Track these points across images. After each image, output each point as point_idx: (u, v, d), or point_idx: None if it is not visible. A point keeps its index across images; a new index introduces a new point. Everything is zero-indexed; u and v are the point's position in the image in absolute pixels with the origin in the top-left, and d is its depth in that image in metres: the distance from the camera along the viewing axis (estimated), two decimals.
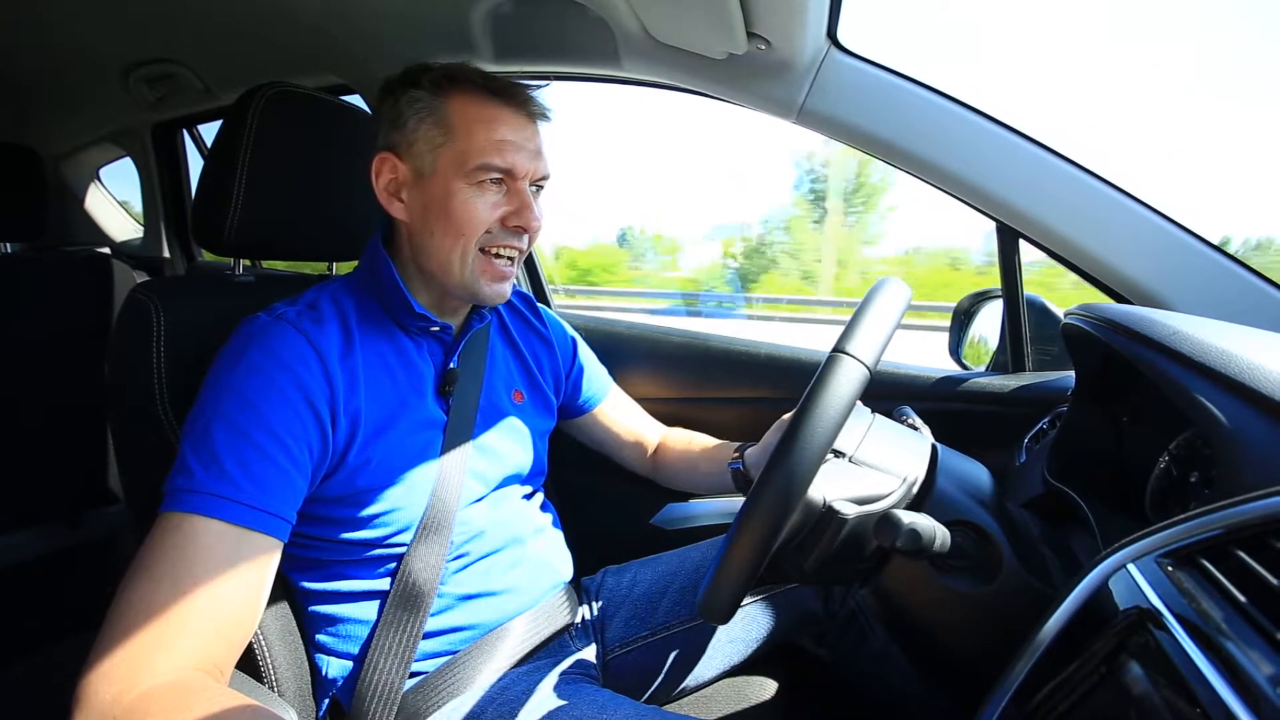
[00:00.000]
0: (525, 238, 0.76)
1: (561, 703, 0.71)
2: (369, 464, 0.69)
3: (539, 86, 0.76)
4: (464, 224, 0.72)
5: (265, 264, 1.25)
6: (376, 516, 0.71)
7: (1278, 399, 0.46)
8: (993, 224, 0.98)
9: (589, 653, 0.86)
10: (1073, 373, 0.79)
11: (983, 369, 1.12)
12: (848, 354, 0.53)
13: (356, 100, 1.34)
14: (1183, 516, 0.39)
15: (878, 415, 0.69)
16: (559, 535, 0.92)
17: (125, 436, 0.71)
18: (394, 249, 0.78)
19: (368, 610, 0.73)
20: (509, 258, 0.76)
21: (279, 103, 0.78)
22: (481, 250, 0.74)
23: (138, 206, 2.20)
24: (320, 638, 0.74)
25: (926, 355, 1.25)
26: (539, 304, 1.00)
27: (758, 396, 1.17)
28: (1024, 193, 0.91)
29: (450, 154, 0.71)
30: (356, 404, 0.69)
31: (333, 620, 0.73)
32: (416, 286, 0.77)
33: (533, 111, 0.75)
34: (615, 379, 1.07)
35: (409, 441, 0.73)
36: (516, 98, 0.73)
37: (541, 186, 0.78)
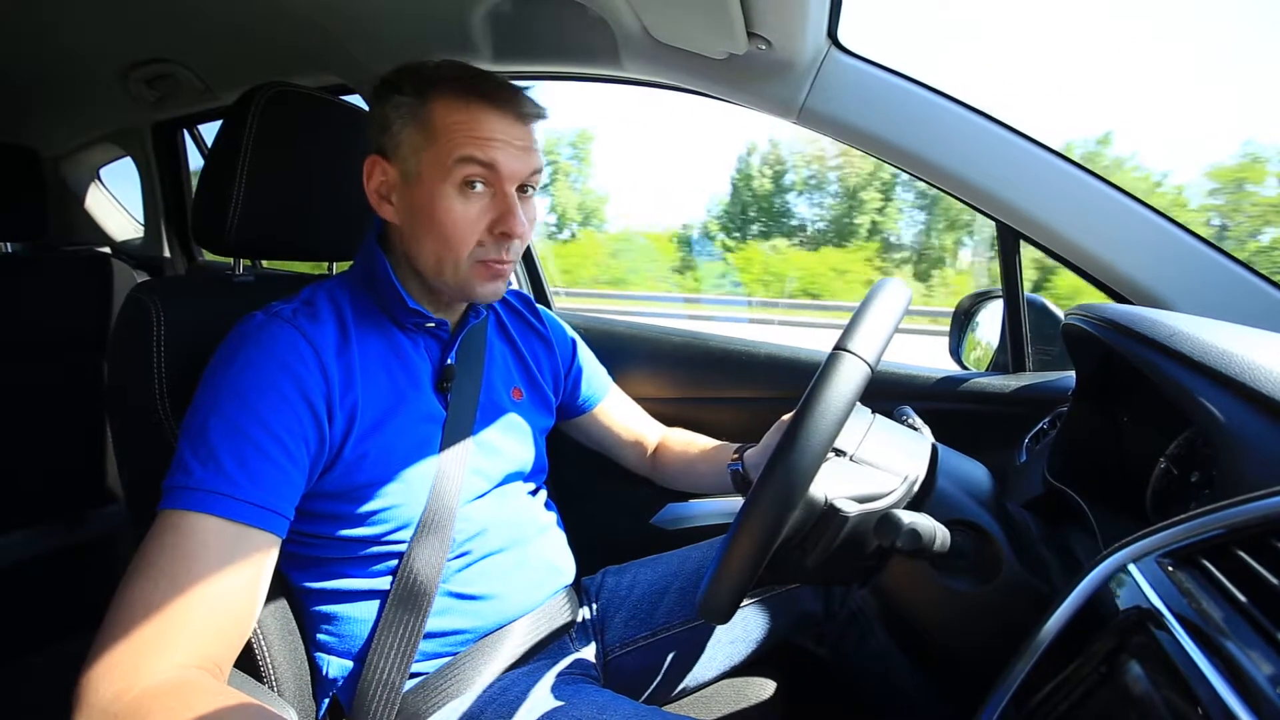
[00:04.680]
0: (514, 245, 0.74)
1: (561, 703, 0.71)
2: (366, 458, 0.69)
3: (525, 86, 0.74)
4: (450, 233, 0.70)
5: (265, 264, 1.25)
6: (376, 513, 0.71)
7: (1278, 399, 0.46)
8: None
9: (589, 653, 0.86)
10: (1073, 373, 0.79)
11: (983, 369, 1.12)
12: (849, 352, 0.53)
13: (356, 100, 1.34)
14: (1183, 516, 0.38)
15: (878, 415, 0.69)
16: (562, 536, 0.91)
17: (125, 436, 0.71)
18: (388, 247, 0.78)
19: (368, 610, 0.73)
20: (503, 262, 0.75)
21: (279, 102, 0.78)
22: (475, 261, 0.73)
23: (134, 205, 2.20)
24: (320, 637, 0.74)
25: None
26: (538, 304, 1.00)
27: (758, 397, 1.17)
28: (1024, 193, 0.91)
29: (432, 156, 0.70)
30: (353, 398, 0.69)
31: (333, 619, 0.73)
32: (411, 285, 0.77)
33: (521, 111, 0.72)
34: (615, 379, 1.07)
35: (407, 436, 0.73)
36: (500, 97, 0.71)
37: (534, 186, 0.75)
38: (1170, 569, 0.37)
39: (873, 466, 0.62)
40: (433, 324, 0.78)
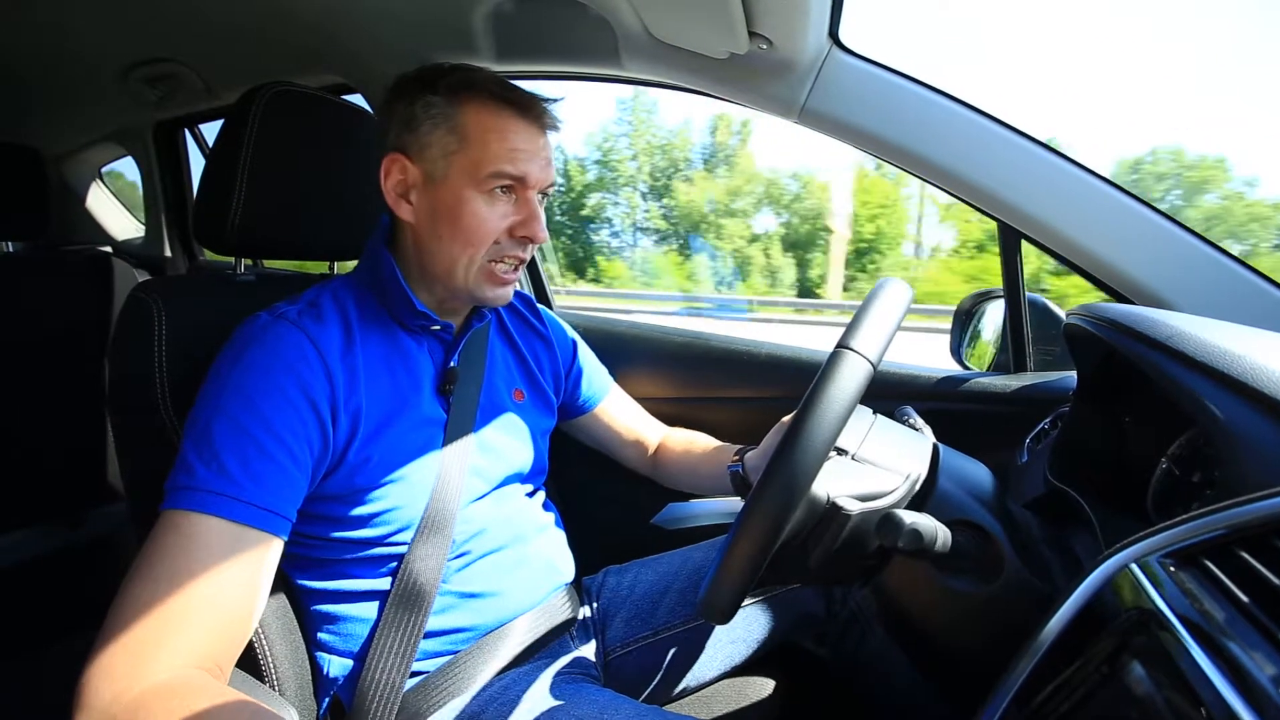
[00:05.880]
0: (530, 247, 0.77)
1: (562, 703, 0.71)
2: (369, 461, 0.69)
3: (555, 101, 0.76)
4: (473, 233, 0.72)
5: (267, 263, 1.25)
6: (377, 515, 0.71)
7: (1279, 399, 0.46)
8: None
9: (589, 652, 0.86)
10: (1074, 373, 0.79)
11: (984, 369, 1.12)
12: (852, 350, 0.53)
13: (357, 100, 1.34)
14: (1185, 517, 0.38)
15: (879, 415, 0.69)
16: (561, 535, 0.92)
17: (126, 436, 0.71)
18: (396, 248, 0.78)
19: (369, 609, 0.73)
20: (513, 265, 0.77)
21: (280, 102, 0.78)
22: (489, 260, 0.75)
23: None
24: (321, 636, 0.74)
25: None
26: (539, 304, 1.00)
27: (758, 396, 1.17)
28: (1026, 193, 0.91)
29: (464, 161, 0.71)
30: (357, 401, 0.69)
31: (334, 619, 0.73)
32: (418, 286, 0.77)
33: (545, 123, 0.75)
34: (615, 379, 1.07)
35: (409, 439, 0.73)
36: (531, 108, 0.74)
37: (547, 194, 0.78)
38: (1172, 569, 0.37)
39: (874, 465, 0.61)
40: (438, 327, 0.78)
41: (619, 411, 1.05)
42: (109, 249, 2.14)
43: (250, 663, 0.67)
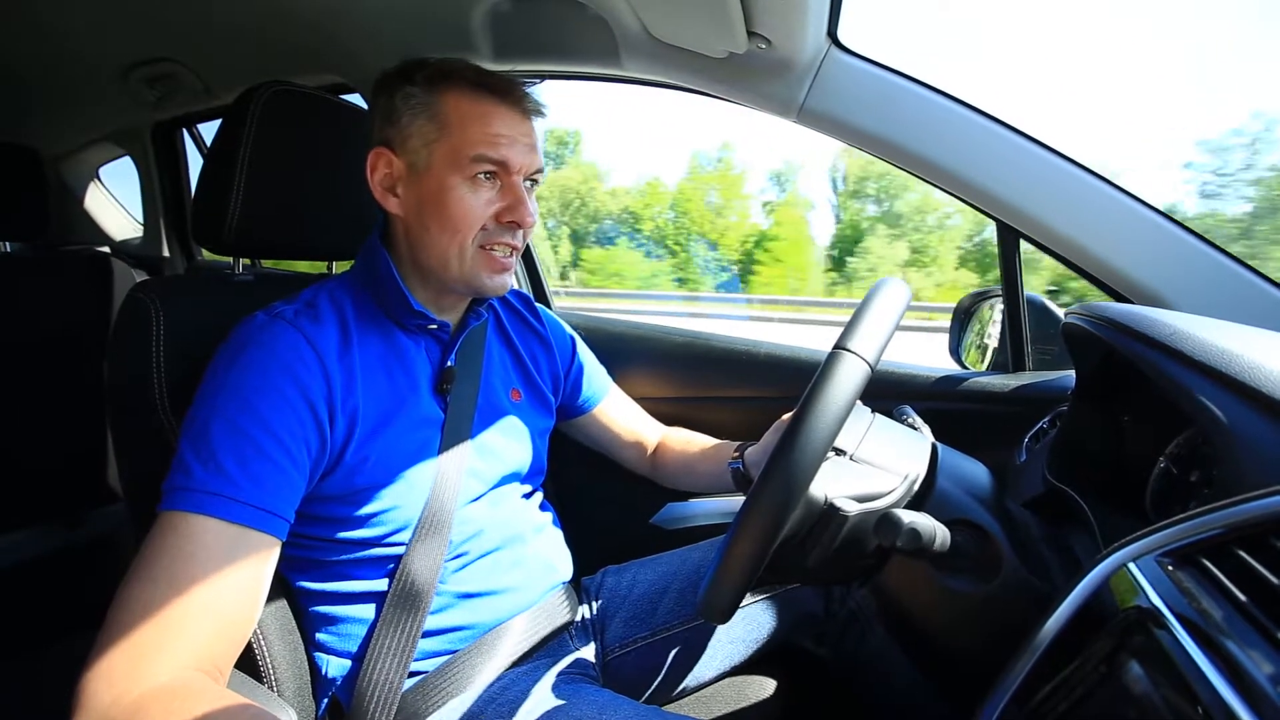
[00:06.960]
0: (520, 233, 0.76)
1: (561, 703, 0.71)
2: (367, 462, 0.69)
3: (532, 83, 0.77)
4: (459, 220, 0.72)
5: (265, 263, 1.25)
6: (375, 515, 0.71)
7: (1278, 398, 0.46)
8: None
9: (588, 652, 0.86)
10: (1073, 372, 0.79)
11: (983, 368, 1.12)
12: (849, 351, 0.53)
13: (356, 99, 1.34)
14: (1183, 516, 0.38)
15: (878, 415, 0.69)
16: (559, 535, 0.92)
17: (125, 436, 0.71)
18: (391, 246, 0.78)
19: (367, 610, 0.73)
20: (506, 251, 0.76)
21: (278, 102, 0.78)
22: (480, 247, 0.74)
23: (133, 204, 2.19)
24: (320, 637, 0.74)
25: None
26: (538, 304, 1.00)
27: (758, 396, 1.17)
28: (1025, 192, 0.91)
29: (444, 149, 0.71)
30: (354, 402, 0.69)
31: (332, 620, 0.73)
32: (414, 283, 0.77)
33: (526, 107, 0.75)
34: (615, 379, 1.07)
35: (406, 439, 0.73)
36: (510, 93, 0.74)
37: (536, 181, 0.78)
38: (1170, 568, 0.37)
39: (873, 466, 0.61)
40: (435, 325, 0.78)
41: (618, 412, 1.05)
42: (107, 249, 2.14)
43: (249, 663, 0.67)
